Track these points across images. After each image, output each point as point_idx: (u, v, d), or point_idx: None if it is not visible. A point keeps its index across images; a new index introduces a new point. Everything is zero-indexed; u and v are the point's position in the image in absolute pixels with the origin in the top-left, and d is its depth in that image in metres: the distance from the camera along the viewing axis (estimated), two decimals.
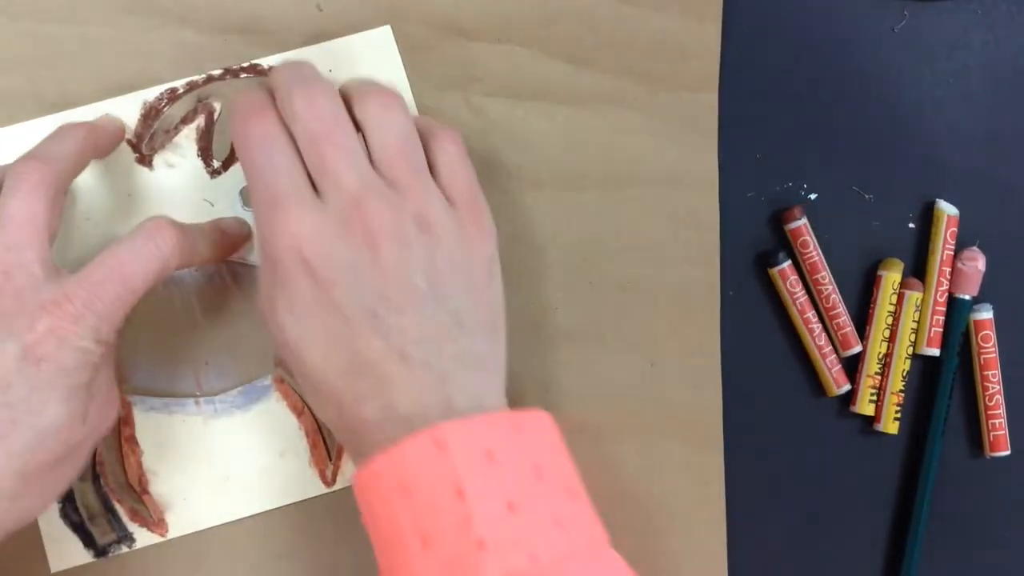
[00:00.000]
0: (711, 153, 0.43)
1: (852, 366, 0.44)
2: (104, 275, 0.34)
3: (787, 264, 0.43)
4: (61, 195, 0.36)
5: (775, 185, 0.44)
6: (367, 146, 0.35)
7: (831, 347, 0.43)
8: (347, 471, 0.42)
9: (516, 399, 0.42)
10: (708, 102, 0.42)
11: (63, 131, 0.38)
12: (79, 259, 0.37)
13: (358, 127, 0.35)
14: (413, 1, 0.42)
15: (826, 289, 0.43)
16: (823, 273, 0.43)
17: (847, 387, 0.43)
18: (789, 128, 0.43)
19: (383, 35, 0.42)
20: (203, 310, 0.42)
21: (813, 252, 0.43)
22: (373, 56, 0.42)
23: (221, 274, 0.42)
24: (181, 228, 0.36)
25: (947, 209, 0.43)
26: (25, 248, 0.34)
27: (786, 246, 0.43)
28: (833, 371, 0.43)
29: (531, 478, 0.31)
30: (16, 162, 0.36)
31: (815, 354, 0.43)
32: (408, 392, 0.32)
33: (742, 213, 0.43)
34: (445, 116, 0.42)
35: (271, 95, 0.36)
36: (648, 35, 0.42)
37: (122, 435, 0.41)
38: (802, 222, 0.43)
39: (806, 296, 0.43)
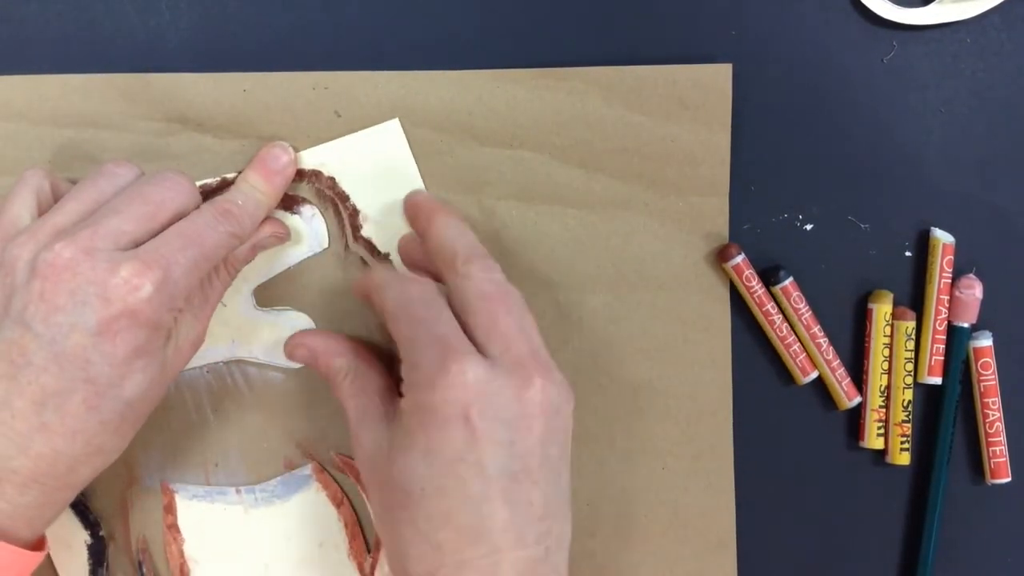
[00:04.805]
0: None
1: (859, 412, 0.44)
2: (179, 242, 0.35)
3: (789, 281, 0.43)
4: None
5: (771, 216, 0.44)
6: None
7: (839, 360, 0.44)
8: (386, 565, 0.42)
9: None
10: (718, 206, 0.43)
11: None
12: None
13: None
14: (427, 107, 0.42)
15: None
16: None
17: (857, 399, 0.44)
18: (783, 160, 0.44)
19: (392, 128, 0.42)
20: (214, 411, 0.42)
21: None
22: (383, 150, 0.42)
23: (232, 374, 0.42)
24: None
25: (943, 237, 0.44)
26: (142, 223, 0.35)
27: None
28: (843, 384, 0.44)
29: None
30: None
31: (824, 368, 0.44)
32: (513, 571, 0.32)
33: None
34: None
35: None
36: (658, 143, 0.42)
37: (164, 523, 0.42)
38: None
39: (810, 312, 0.43)
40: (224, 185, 0.42)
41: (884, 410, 0.44)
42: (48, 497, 0.34)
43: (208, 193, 0.42)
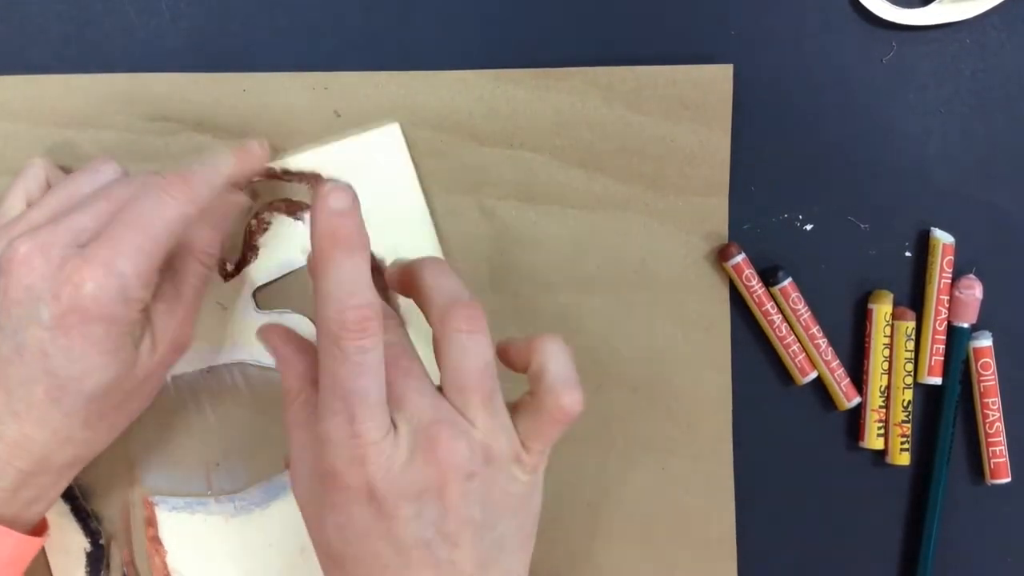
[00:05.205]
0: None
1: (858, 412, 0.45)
2: (121, 231, 0.34)
3: (788, 282, 0.43)
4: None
5: (771, 216, 0.44)
6: (441, 364, 0.33)
7: (838, 361, 0.44)
8: None
9: None
10: (718, 206, 0.43)
11: (214, 164, 0.38)
12: None
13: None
14: (427, 108, 0.42)
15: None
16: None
17: (857, 400, 0.44)
18: (783, 160, 0.44)
19: (392, 132, 0.42)
20: (215, 411, 0.42)
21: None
22: (383, 154, 0.42)
23: (233, 374, 0.42)
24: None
25: (943, 238, 0.44)
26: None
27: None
28: (842, 384, 0.44)
29: None
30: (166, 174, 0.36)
31: (823, 369, 0.44)
32: None
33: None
34: (458, 219, 0.43)
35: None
36: (658, 142, 0.42)
37: (147, 535, 0.42)
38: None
39: (809, 312, 0.43)
40: None
41: (884, 410, 0.44)
42: (27, 482, 0.35)
43: None
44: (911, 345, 0.43)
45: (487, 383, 0.32)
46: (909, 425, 0.44)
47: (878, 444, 0.44)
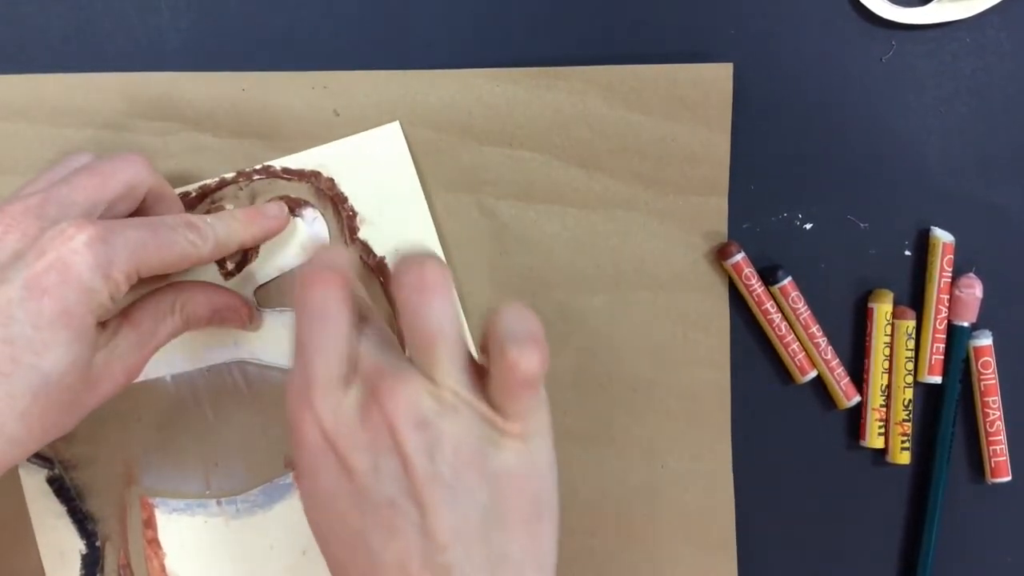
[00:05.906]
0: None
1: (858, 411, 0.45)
2: (134, 224, 0.34)
3: (787, 281, 0.43)
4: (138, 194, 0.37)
5: (771, 216, 0.44)
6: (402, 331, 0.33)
7: (837, 360, 0.44)
8: None
9: None
10: (717, 206, 0.43)
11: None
12: None
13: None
14: (427, 107, 0.42)
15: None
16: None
17: (856, 399, 0.44)
18: (783, 159, 0.44)
19: (392, 131, 0.42)
20: (214, 410, 0.42)
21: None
22: (383, 152, 0.42)
23: (233, 374, 0.42)
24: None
25: (942, 236, 0.44)
26: (90, 193, 0.35)
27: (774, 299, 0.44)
28: (842, 383, 0.44)
29: None
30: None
31: (822, 368, 0.44)
32: None
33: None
34: (457, 217, 0.43)
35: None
36: (658, 142, 0.43)
37: (145, 538, 0.42)
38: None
39: (809, 312, 0.43)
40: (223, 185, 0.42)
41: (885, 409, 0.44)
42: None
43: (206, 193, 0.42)
44: (911, 344, 0.43)
45: (445, 344, 0.31)
46: (909, 424, 0.44)
47: (878, 443, 0.44)
